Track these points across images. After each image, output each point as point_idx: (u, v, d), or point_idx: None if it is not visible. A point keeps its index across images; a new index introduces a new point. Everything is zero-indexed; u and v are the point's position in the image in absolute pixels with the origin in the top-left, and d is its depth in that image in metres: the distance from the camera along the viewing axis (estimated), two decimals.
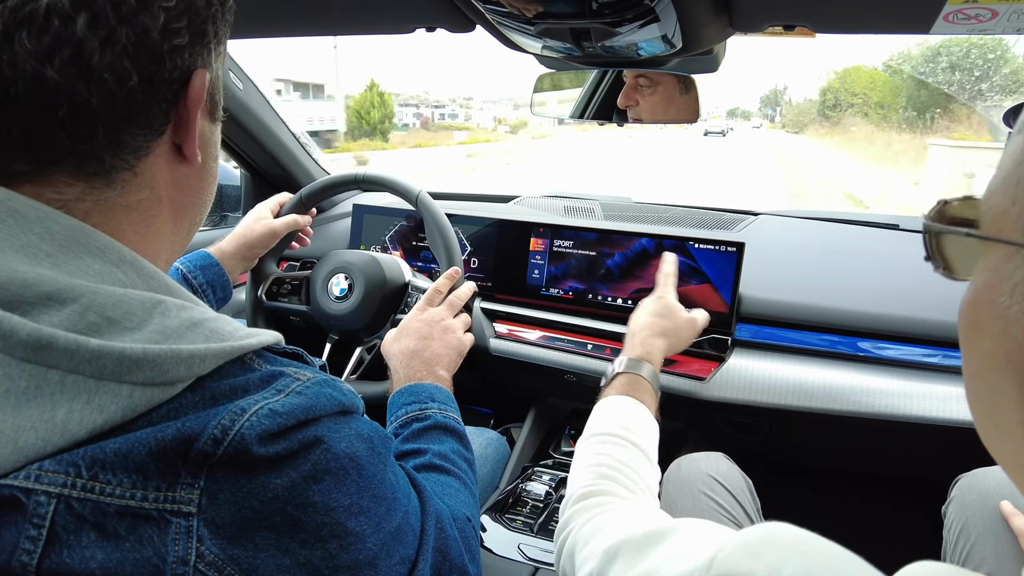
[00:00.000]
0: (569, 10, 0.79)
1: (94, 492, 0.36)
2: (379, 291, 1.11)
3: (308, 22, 1.10)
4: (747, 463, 1.00)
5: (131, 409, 0.37)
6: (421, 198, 1.11)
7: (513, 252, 1.34)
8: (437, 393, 0.84)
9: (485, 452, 1.15)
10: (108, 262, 0.41)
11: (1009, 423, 0.30)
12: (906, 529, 1.45)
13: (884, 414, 1.03)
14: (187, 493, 0.37)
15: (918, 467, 1.28)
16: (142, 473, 0.37)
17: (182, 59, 0.42)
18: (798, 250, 1.33)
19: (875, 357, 1.10)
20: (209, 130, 0.50)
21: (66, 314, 0.37)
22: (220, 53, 0.48)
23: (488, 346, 1.29)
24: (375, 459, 0.48)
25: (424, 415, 0.79)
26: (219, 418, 0.38)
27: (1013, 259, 0.28)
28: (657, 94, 1.13)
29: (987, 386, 0.31)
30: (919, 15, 0.75)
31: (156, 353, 0.38)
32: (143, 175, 0.44)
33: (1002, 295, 0.29)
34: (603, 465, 0.69)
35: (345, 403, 0.46)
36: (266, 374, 0.43)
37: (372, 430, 0.49)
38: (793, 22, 0.83)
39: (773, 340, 1.15)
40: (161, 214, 0.47)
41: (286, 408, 0.41)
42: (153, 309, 0.41)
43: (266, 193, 1.52)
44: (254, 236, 1.11)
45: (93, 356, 0.36)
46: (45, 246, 0.39)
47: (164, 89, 0.42)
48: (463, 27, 0.98)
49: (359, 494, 0.46)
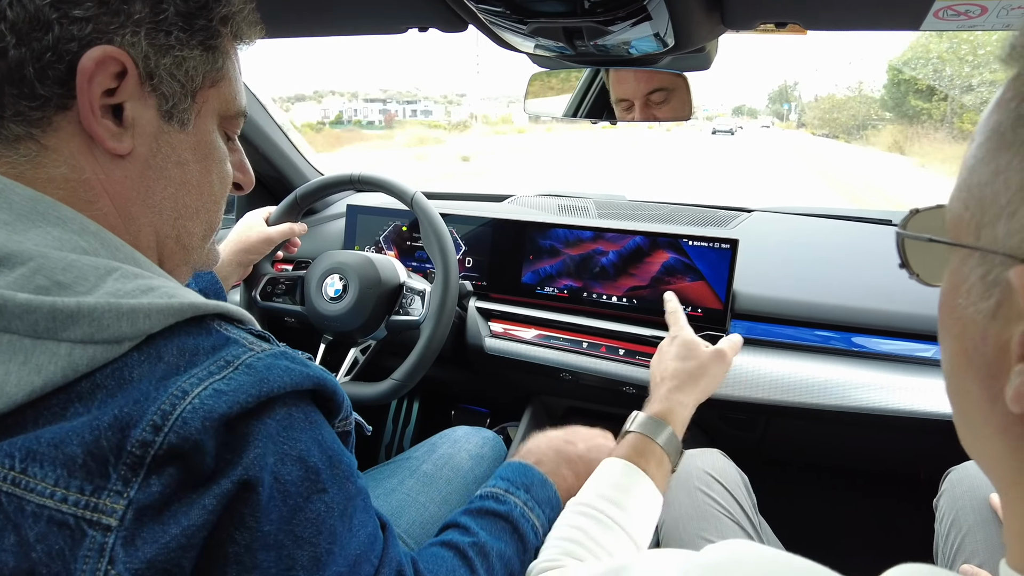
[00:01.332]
0: (561, 9, 0.79)
1: (19, 486, 0.34)
2: (374, 292, 1.10)
3: (299, 24, 1.09)
4: (743, 459, 1.01)
5: (71, 369, 0.36)
6: (416, 199, 1.11)
7: (508, 251, 1.33)
8: (541, 489, 0.71)
9: (481, 451, 1.15)
10: (70, 231, 0.41)
11: (976, 420, 0.31)
12: (900, 523, 1.45)
13: (879, 409, 1.03)
14: (112, 502, 0.35)
15: (912, 461, 1.29)
16: (68, 467, 0.35)
17: (80, 31, 0.41)
18: (792, 246, 1.33)
19: (869, 352, 1.10)
20: (157, 126, 0.47)
21: (14, 277, 0.36)
22: (177, 47, 0.46)
23: (484, 345, 1.29)
24: (316, 484, 0.42)
25: (503, 499, 0.67)
26: (159, 402, 0.36)
27: (968, 261, 0.30)
28: (674, 99, 1.12)
29: (956, 386, 0.33)
30: (909, 11, 0.75)
31: (92, 306, 0.36)
32: (57, 150, 0.43)
33: (959, 297, 0.30)
34: (573, 541, 0.60)
35: (300, 379, 0.42)
36: (219, 340, 0.41)
37: (326, 439, 0.45)
38: (784, 19, 0.84)
39: (768, 336, 1.16)
40: (98, 201, 0.45)
41: (232, 387, 0.38)
42: (107, 275, 0.39)
43: (259, 194, 1.51)
44: (250, 243, 1.11)
45: (22, 311, 0.35)
46: (2, 215, 0.39)
47: (50, 56, 0.41)
48: (455, 27, 0.98)
49: (286, 523, 0.41)
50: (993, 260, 0.28)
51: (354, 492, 0.47)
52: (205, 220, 0.54)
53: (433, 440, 1.15)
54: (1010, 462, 0.30)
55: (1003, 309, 0.28)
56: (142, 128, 0.46)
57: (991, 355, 0.29)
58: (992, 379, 0.29)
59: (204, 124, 0.51)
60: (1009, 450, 0.30)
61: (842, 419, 1.07)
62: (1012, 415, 0.28)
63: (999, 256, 0.27)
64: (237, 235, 1.11)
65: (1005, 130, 0.28)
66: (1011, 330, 0.27)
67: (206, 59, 0.49)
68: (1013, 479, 0.30)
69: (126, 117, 0.45)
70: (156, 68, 0.45)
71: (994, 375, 0.29)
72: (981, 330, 0.29)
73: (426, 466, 1.05)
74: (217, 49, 0.49)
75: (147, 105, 0.46)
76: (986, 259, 0.28)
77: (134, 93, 0.45)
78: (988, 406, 0.30)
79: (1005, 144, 0.28)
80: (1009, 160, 0.27)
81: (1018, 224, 0.27)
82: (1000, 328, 0.28)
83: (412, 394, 1.76)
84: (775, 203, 1.55)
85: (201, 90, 0.50)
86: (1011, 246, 0.27)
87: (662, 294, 1.19)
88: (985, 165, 0.29)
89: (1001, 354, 0.28)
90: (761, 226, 1.41)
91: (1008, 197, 0.27)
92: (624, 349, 1.21)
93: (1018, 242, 0.27)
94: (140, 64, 0.44)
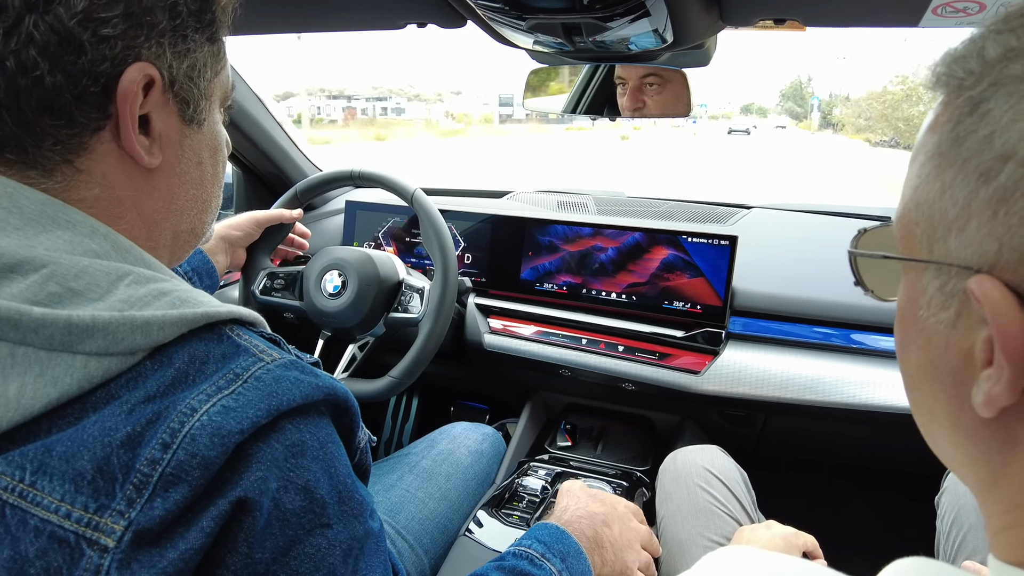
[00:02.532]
0: (560, 5, 0.79)
1: (26, 499, 0.34)
2: (373, 289, 1.10)
3: (296, 19, 1.09)
4: (742, 456, 1.01)
5: (87, 380, 0.36)
6: (416, 196, 1.11)
7: (507, 247, 1.33)
8: (576, 561, 0.68)
9: (481, 447, 1.15)
10: (80, 234, 0.40)
11: (945, 428, 0.33)
12: (900, 520, 1.46)
13: (878, 405, 1.03)
14: (112, 522, 0.34)
15: (912, 459, 1.29)
16: (76, 483, 0.34)
17: (112, 50, 0.40)
18: (791, 243, 1.33)
19: (869, 349, 1.10)
20: (180, 132, 0.47)
21: (27, 284, 0.36)
22: (192, 48, 0.45)
23: (483, 342, 1.29)
24: (320, 518, 0.41)
25: (539, 564, 0.65)
26: (168, 420, 0.36)
27: (924, 275, 0.32)
28: (667, 91, 1.12)
29: (923, 396, 0.34)
30: (908, 8, 0.75)
31: (107, 320, 0.36)
32: (90, 172, 0.42)
33: (920, 309, 0.32)
34: None
35: (310, 391, 0.41)
36: (229, 348, 0.40)
37: (339, 471, 0.43)
38: (783, 15, 0.84)
39: (767, 333, 1.16)
40: (125, 216, 0.45)
41: (240, 403, 0.38)
42: (119, 280, 0.39)
43: (258, 191, 1.51)
44: (236, 222, 1.11)
45: (37, 325, 0.35)
46: (13, 220, 0.38)
47: (87, 81, 0.40)
48: (454, 23, 0.98)
49: (282, 554, 0.39)
50: (949, 272, 0.30)
51: (362, 533, 0.44)
52: (215, 207, 0.55)
53: (432, 436, 1.15)
54: (984, 466, 0.31)
55: (963, 318, 0.29)
56: (168, 137, 0.46)
57: (955, 363, 0.30)
58: (959, 386, 0.30)
59: (213, 116, 0.51)
60: (980, 453, 0.31)
61: (841, 416, 1.07)
62: (980, 420, 0.29)
63: (955, 268, 0.29)
64: (227, 219, 1.11)
65: (945, 150, 0.30)
66: (972, 337, 0.29)
67: (212, 52, 0.48)
68: (989, 480, 0.31)
69: (153, 128, 0.45)
70: (177, 74, 0.45)
71: (960, 382, 0.30)
72: (944, 339, 0.31)
73: (425, 462, 1.05)
74: (219, 40, 0.49)
75: (169, 112, 0.46)
76: (942, 271, 0.30)
77: (158, 103, 0.44)
78: (956, 413, 0.31)
79: (947, 163, 0.30)
80: (953, 177, 0.29)
81: (969, 237, 0.28)
82: (961, 336, 0.30)
83: (411, 390, 1.76)
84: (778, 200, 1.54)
85: (209, 84, 0.49)
86: (964, 257, 0.29)
87: (661, 290, 1.19)
88: (931, 183, 0.31)
89: (965, 361, 0.30)
90: (760, 223, 1.41)
91: (956, 212, 0.29)
92: (623, 345, 1.21)
93: (970, 254, 0.28)
94: (165, 74, 0.44)
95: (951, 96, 0.30)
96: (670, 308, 1.20)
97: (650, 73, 1.12)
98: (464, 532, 0.98)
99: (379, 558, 0.46)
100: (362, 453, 0.52)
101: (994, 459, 0.30)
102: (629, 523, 0.81)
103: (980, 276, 0.27)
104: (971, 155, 0.28)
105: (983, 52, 0.29)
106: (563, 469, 1.17)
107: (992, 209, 0.27)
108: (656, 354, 1.18)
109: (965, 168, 0.29)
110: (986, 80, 0.28)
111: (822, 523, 0.93)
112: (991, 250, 0.27)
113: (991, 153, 0.27)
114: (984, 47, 0.29)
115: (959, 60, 0.30)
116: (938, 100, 0.32)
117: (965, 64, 0.30)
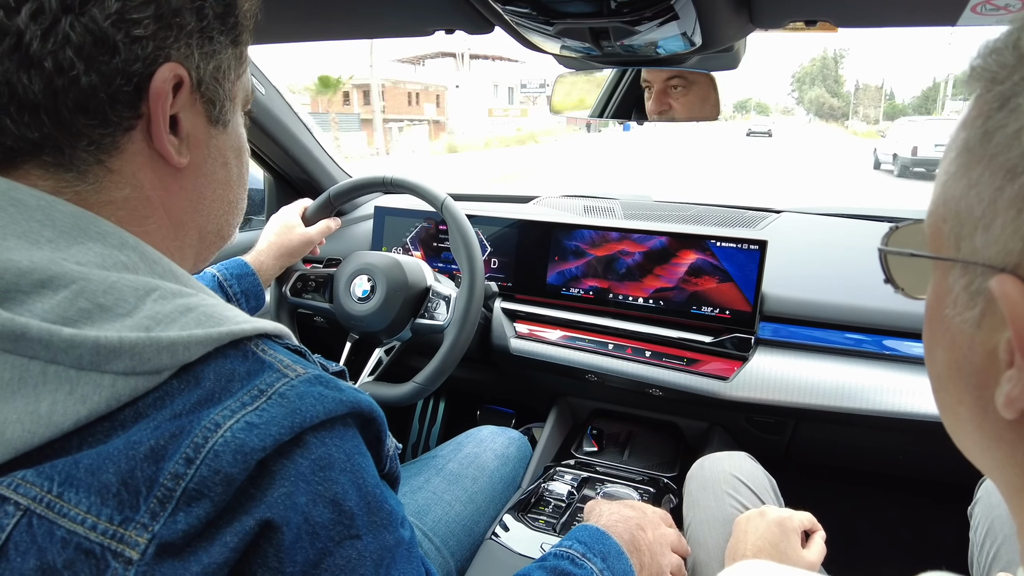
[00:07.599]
0: (588, 9, 0.79)
1: (53, 510, 0.34)
2: (400, 295, 1.12)
3: (326, 26, 1.11)
4: (771, 463, 0.99)
5: (115, 399, 0.36)
6: (446, 204, 1.12)
7: (533, 252, 1.34)
8: (617, 561, 0.69)
9: (507, 452, 1.15)
10: (110, 246, 0.41)
11: (971, 430, 0.32)
12: (933, 531, 1.42)
13: (910, 413, 1.01)
14: (137, 534, 0.35)
15: (945, 468, 1.26)
16: (101, 495, 0.35)
17: (144, 50, 0.41)
18: (821, 247, 1.31)
19: (901, 355, 1.08)
20: (206, 132, 0.48)
21: (57, 301, 0.37)
22: (218, 50, 0.46)
23: (509, 346, 1.29)
24: (349, 529, 0.41)
25: (580, 563, 0.66)
26: (192, 435, 0.36)
27: (951, 273, 0.31)
28: (692, 93, 1.11)
29: (949, 397, 0.33)
30: (946, 6, 0.74)
31: (133, 342, 0.37)
32: (121, 172, 0.43)
33: (946, 308, 0.31)
34: None
35: (334, 407, 0.41)
36: (254, 365, 0.41)
37: (368, 483, 0.43)
38: (815, 17, 0.82)
39: (797, 339, 1.14)
40: (153, 215, 0.46)
41: (264, 419, 0.38)
42: (147, 295, 0.40)
43: (290, 196, 1.54)
44: (292, 246, 1.14)
45: (67, 345, 0.36)
46: (46, 232, 0.39)
47: (120, 80, 0.41)
48: (481, 28, 0.98)
49: (313, 566, 0.39)
50: (975, 271, 0.29)
51: (393, 543, 0.44)
52: (240, 208, 0.56)
53: (459, 439, 1.16)
54: (1010, 468, 0.30)
55: (987, 318, 0.29)
56: (195, 138, 0.47)
57: (979, 363, 0.30)
58: (983, 387, 0.30)
59: (236, 119, 0.52)
60: (1006, 456, 0.30)
61: (873, 423, 1.05)
62: (1004, 422, 0.29)
63: (980, 267, 0.28)
64: (278, 238, 1.13)
65: (973, 146, 0.29)
66: (996, 337, 0.28)
67: (235, 54, 0.49)
68: (1018, 485, 0.30)
69: (182, 128, 0.46)
70: (204, 75, 0.46)
71: (984, 383, 0.30)
72: (968, 339, 0.30)
73: (452, 465, 1.06)
74: (242, 43, 0.50)
75: (196, 112, 0.47)
76: (968, 270, 0.29)
77: (186, 103, 0.45)
78: (981, 415, 0.31)
79: (975, 159, 0.29)
80: (980, 173, 0.29)
81: (994, 235, 0.28)
82: (986, 336, 0.29)
83: (438, 393, 1.77)
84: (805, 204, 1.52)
85: (233, 86, 0.50)
86: (989, 256, 0.28)
87: (689, 295, 1.18)
88: (958, 180, 0.30)
89: (989, 362, 0.29)
90: (790, 227, 1.39)
91: (983, 209, 0.28)
92: (650, 351, 1.20)
93: (995, 252, 0.28)
94: (193, 74, 0.45)
95: (984, 91, 0.29)
96: (698, 313, 1.19)
97: (674, 75, 1.11)
98: (490, 536, 0.99)
99: (411, 565, 0.46)
100: (391, 461, 0.52)
101: (1021, 462, 0.29)
102: (660, 527, 0.82)
103: (1002, 275, 0.27)
104: (998, 151, 0.28)
105: (1019, 44, 0.28)
106: (589, 475, 1.17)
107: (1017, 207, 0.26)
108: (684, 359, 1.17)
109: (992, 165, 0.28)
110: (1017, 74, 0.27)
111: (852, 532, 0.92)
112: (1016, 249, 0.27)
113: (1019, 149, 0.26)
114: (1020, 38, 0.28)
115: (994, 53, 0.29)
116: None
117: (1000, 57, 0.29)
